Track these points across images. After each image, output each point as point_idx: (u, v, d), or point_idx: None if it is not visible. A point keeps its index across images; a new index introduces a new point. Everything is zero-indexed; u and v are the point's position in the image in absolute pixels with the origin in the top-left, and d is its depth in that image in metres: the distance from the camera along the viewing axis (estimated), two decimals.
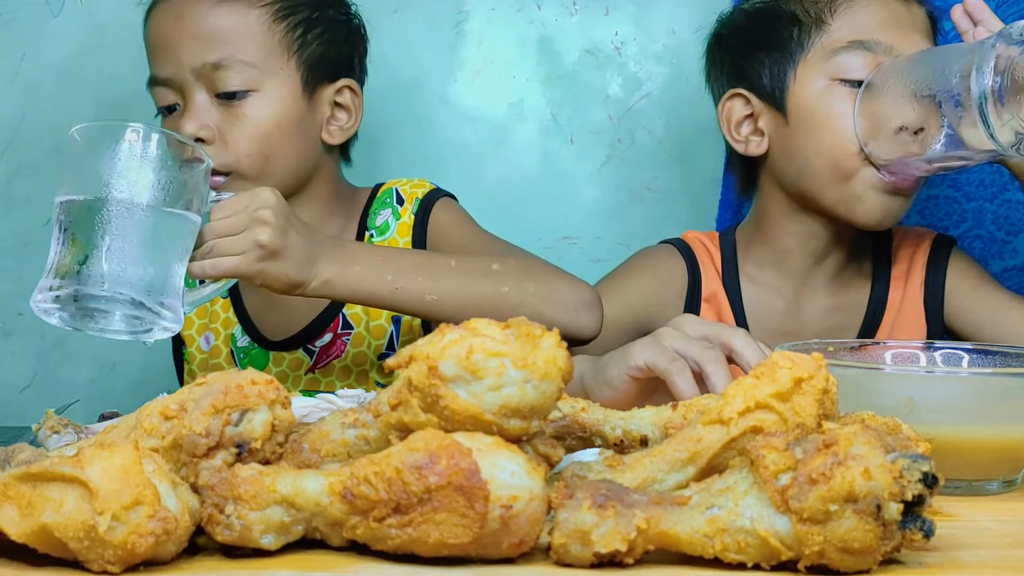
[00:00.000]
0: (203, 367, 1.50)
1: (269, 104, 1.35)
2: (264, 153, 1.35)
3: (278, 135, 1.36)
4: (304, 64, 1.38)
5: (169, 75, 1.36)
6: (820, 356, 0.74)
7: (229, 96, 1.34)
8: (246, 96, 1.34)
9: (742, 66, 1.40)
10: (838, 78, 1.31)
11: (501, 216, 1.74)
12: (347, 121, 1.44)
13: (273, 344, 1.47)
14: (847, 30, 1.32)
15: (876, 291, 1.43)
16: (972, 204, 1.61)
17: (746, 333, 1.02)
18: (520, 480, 0.64)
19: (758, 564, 0.65)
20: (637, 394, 1.04)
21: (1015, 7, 1.59)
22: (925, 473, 0.64)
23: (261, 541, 0.67)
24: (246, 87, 1.34)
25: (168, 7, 1.37)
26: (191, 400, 0.72)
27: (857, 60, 1.31)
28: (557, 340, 0.69)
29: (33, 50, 1.76)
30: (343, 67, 1.44)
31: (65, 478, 0.64)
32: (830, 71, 1.32)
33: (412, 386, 0.69)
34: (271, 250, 1.12)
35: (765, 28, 1.38)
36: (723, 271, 1.44)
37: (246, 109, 1.34)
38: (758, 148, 1.39)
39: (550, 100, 1.77)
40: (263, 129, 1.35)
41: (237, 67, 1.33)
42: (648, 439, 0.84)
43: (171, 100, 1.37)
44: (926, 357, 1.03)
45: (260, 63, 1.35)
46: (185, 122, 1.33)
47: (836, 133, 1.31)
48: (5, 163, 1.77)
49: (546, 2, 1.75)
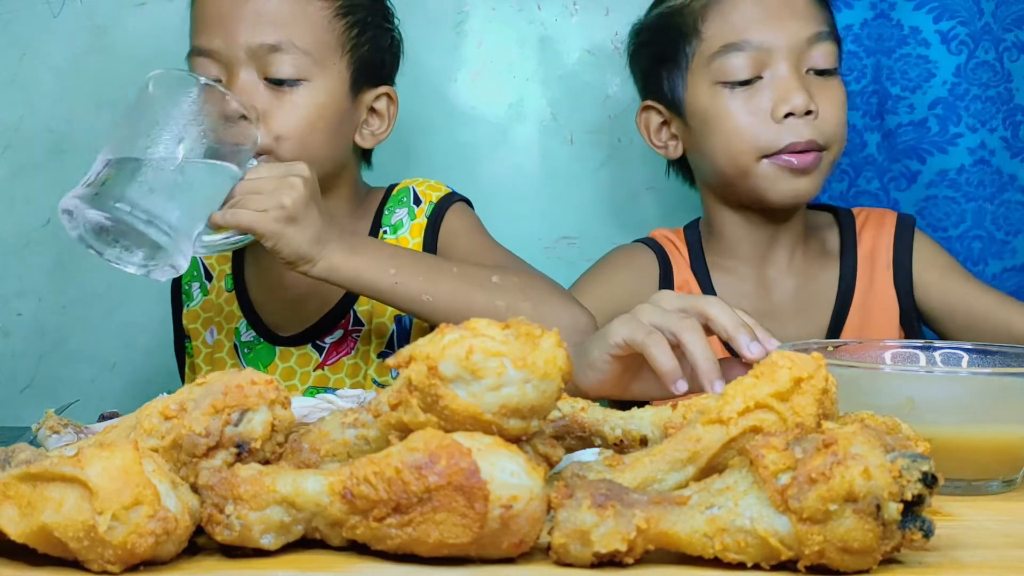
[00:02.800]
0: (207, 361, 1.50)
1: (317, 96, 1.35)
2: (304, 142, 1.34)
3: (320, 128, 1.35)
4: (355, 64, 1.39)
5: (219, 48, 1.34)
6: (820, 356, 0.74)
7: (279, 82, 1.33)
8: (296, 84, 1.33)
9: (648, 80, 1.49)
10: (719, 81, 1.38)
11: (501, 216, 1.74)
12: (380, 127, 1.44)
13: (281, 339, 1.46)
14: (718, 35, 1.39)
15: (844, 271, 1.46)
16: (971, 204, 1.61)
17: (720, 300, 1.01)
18: (520, 480, 0.64)
19: (758, 564, 0.65)
20: (621, 373, 1.04)
21: (1014, 7, 1.59)
22: (925, 473, 0.64)
23: (261, 541, 0.67)
24: (298, 76, 1.33)
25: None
26: (191, 400, 0.72)
27: (732, 62, 1.37)
28: (557, 340, 0.69)
29: (33, 50, 1.76)
30: (385, 74, 1.45)
31: (65, 478, 0.64)
32: (712, 76, 1.39)
33: (412, 386, 0.69)
34: (291, 214, 1.15)
35: (659, 43, 1.46)
36: (691, 261, 1.49)
37: (295, 97, 1.33)
38: (676, 152, 1.48)
39: (550, 100, 1.76)
40: (308, 119, 1.34)
41: (294, 53, 1.33)
42: (648, 439, 0.84)
43: (214, 74, 1.34)
44: (926, 357, 1.03)
45: (316, 54, 1.34)
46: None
47: (727, 133, 1.38)
48: (5, 163, 1.77)
49: (546, 2, 1.75)
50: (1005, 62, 1.60)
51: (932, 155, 1.61)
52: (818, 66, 1.38)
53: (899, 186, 1.63)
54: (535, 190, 1.77)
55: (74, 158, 1.75)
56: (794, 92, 1.35)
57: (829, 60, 1.39)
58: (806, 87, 1.36)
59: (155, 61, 1.73)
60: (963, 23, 1.59)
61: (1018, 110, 1.60)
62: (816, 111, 1.36)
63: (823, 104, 1.37)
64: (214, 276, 1.52)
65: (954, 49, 1.59)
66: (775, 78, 1.36)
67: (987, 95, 1.59)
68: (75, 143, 1.75)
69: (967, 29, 1.59)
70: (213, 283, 1.51)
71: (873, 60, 1.61)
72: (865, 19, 1.62)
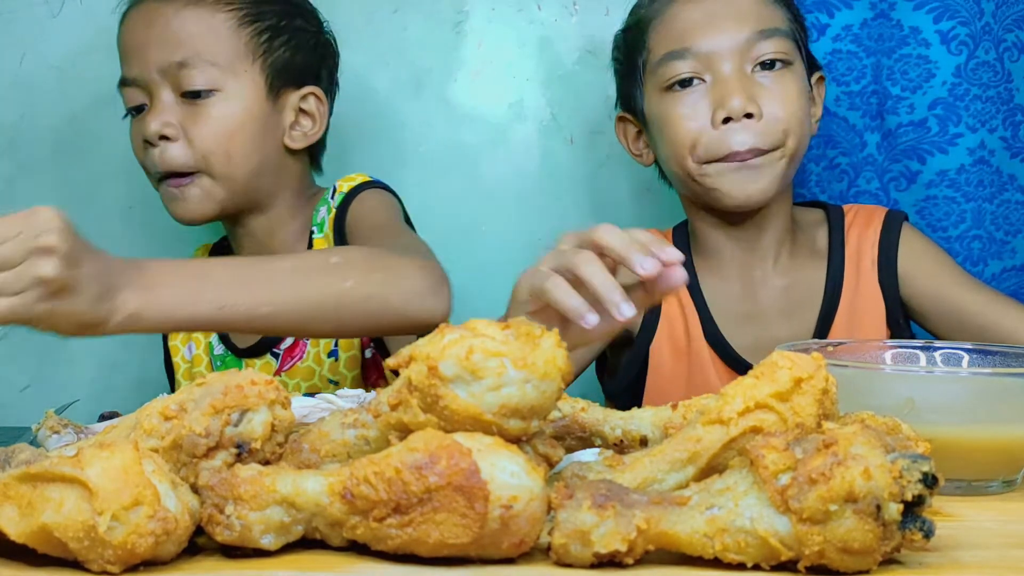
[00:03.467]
0: (187, 376, 1.51)
1: (232, 104, 1.37)
2: (228, 152, 1.37)
3: (241, 135, 1.37)
4: (269, 68, 1.40)
5: (136, 75, 1.38)
6: (820, 356, 0.74)
7: (194, 95, 1.36)
8: (210, 95, 1.36)
9: (621, 91, 1.51)
10: (663, 88, 1.39)
11: (501, 216, 1.75)
12: (311, 128, 1.45)
13: (242, 351, 1.48)
14: (662, 43, 1.40)
15: (832, 270, 1.45)
16: (971, 204, 1.61)
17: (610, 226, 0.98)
18: (520, 480, 0.64)
19: (758, 564, 0.65)
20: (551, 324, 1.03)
21: (1014, 7, 1.59)
22: (925, 473, 0.64)
23: (261, 541, 0.67)
24: (210, 86, 1.36)
25: (138, 12, 1.40)
26: (191, 400, 0.72)
27: (674, 67, 1.37)
28: (557, 340, 0.69)
29: (33, 50, 1.76)
30: (309, 75, 1.45)
31: (65, 478, 0.64)
32: (658, 84, 1.40)
33: (412, 386, 0.69)
34: (59, 285, 0.92)
35: (622, 56, 1.49)
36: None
37: (210, 108, 1.36)
38: (649, 159, 1.49)
39: (550, 100, 1.76)
40: (226, 128, 1.36)
41: (201, 66, 1.36)
42: (648, 439, 0.84)
43: (139, 100, 1.39)
44: (926, 357, 1.03)
45: (224, 64, 1.37)
46: (151, 119, 1.36)
47: (672, 140, 1.39)
48: (5, 163, 1.77)
49: (546, 2, 1.75)
50: (1005, 62, 1.60)
51: (932, 155, 1.61)
52: (764, 59, 1.36)
53: (899, 186, 1.63)
54: (535, 190, 1.77)
55: (74, 158, 1.76)
56: (730, 95, 1.33)
57: (777, 53, 1.36)
58: (747, 88, 1.34)
59: None
60: (963, 23, 1.59)
61: (1018, 110, 1.60)
62: (758, 112, 1.33)
63: (768, 103, 1.34)
64: None
65: (954, 49, 1.59)
66: (716, 83, 1.35)
67: (987, 95, 1.59)
68: (75, 143, 1.75)
69: (967, 29, 1.59)
70: None
71: (873, 60, 1.61)
72: (865, 19, 1.62)
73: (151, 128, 1.35)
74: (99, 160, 1.75)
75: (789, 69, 1.38)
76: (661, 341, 1.45)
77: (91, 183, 1.75)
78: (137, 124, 1.40)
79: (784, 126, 1.36)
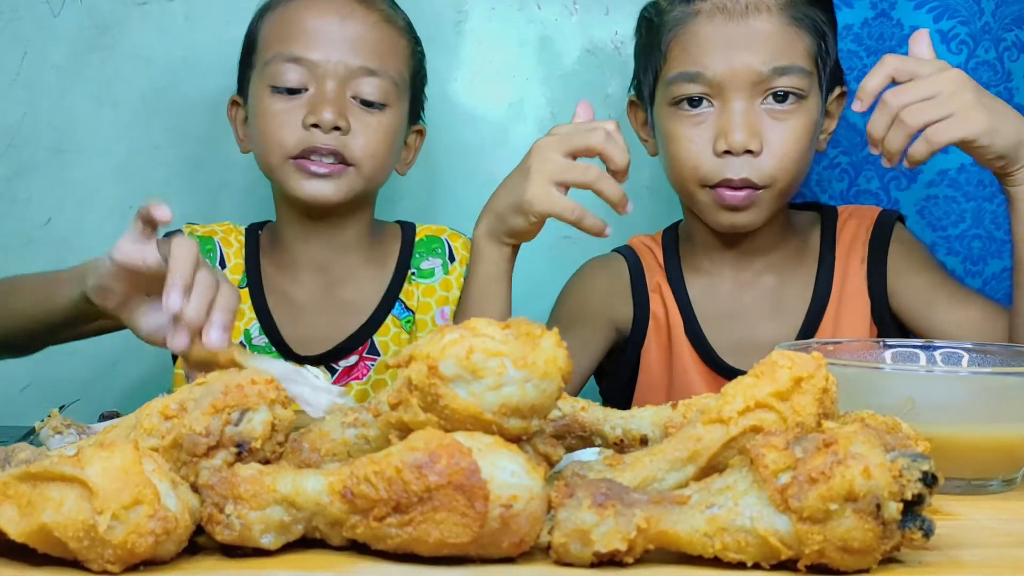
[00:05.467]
0: None
1: (394, 122, 1.45)
2: (381, 164, 1.44)
3: (391, 152, 1.46)
4: (412, 99, 1.50)
5: (318, 60, 1.41)
6: (820, 355, 0.74)
7: (368, 103, 1.42)
8: (382, 108, 1.43)
9: (636, 75, 1.48)
10: (672, 104, 1.38)
11: None
12: (408, 158, 1.54)
13: (296, 357, 1.47)
14: (677, 61, 1.38)
15: (822, 272, 1.44)
16: (971, 204, 1.61)
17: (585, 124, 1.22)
18: (520, 480, 0.64)
19: (758, 563, 0.65)
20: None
21: (1014, 6, 1.59)
22: (925, 472, 0.65)
23: (261, 541, 0.67)
24: (385, 101, 1.43)
25: (331, 2, 1.44)
26: (191, 400, 0.72)
27: (684, 89, 1.36)
28: (557, 340, 0.69)
29: (34, 49, 1.76)
30: (418, 111, 1.54)
31: (65, 478, 0.64)
32: (668, 96, 1.38)
33: (412, 385, 0.69)
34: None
35: (640, 43, 1.46)
36: (665, 264, 1.49)
37: (381, 119, 1.43)
38: (653, 149, 1.47)
39: (550, 100, 1.76)
40: (386, 142, 1.44)
41: (386, 80, 1.43)
42: (648, 438, 0.84)
43: (301, 82, 1.41)
44: (926, 357, 1.03)
45: (400, 84, 1.45)
46: (326, 108, 1.39)
47: (673, 156, 1.38)
48: (5, 163, 1.77)
49: (546, 2, 1.75)
50: (1005, 62, 1.60)
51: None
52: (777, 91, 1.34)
53: (899, 185, 1.63)
54: None
55: (75, 157, 1.75)
56: (733, 131, 1.32)
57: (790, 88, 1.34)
58: (752, 124, 1.32)
59: (156, 61, 1.74)
60: (963, 23, 1.59)
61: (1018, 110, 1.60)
62: (758, 148, 1.32)
63: (771, 138, 1.33)
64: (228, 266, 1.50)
65: (954, 48, 1.59)
66: (723, 111, 1.34)
67: None
68: (76, 143, 1.75)
69: (967, 29, 1.59)
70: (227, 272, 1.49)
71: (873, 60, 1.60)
72: (865, 19, 1.62)
73: (326, 118, 1.38)
74: (99, 160, 1.75)
75: (801, 104, 1.35)
76: (650, 341, 1.46)
77: (91, 183, 1.75)
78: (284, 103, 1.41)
79: (782, 164, 1.34)
